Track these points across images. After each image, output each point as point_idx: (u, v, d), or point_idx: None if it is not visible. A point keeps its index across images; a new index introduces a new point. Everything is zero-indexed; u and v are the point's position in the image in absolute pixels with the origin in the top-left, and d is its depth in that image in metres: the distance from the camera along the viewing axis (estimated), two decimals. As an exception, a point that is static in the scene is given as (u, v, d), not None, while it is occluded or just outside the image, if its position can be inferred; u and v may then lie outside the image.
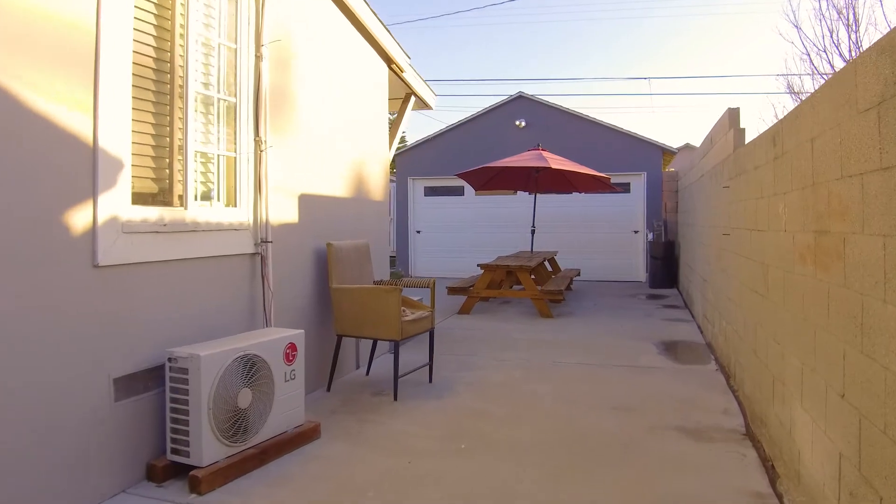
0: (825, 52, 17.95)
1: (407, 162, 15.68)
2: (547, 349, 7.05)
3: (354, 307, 5.22)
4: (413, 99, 7.62)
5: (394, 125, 7.34)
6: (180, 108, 3.90)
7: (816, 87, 3.27)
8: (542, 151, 11.45)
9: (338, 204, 5.80)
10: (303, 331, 4.18)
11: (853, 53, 17.18)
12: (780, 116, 21.57)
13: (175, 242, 3.76)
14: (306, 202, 5.22)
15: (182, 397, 3.46)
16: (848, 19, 16.99)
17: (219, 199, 4.30)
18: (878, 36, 3.07)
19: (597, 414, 4.75)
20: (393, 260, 16.95)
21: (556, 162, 10.98)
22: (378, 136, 6.72)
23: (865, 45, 19.55)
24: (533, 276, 10.89)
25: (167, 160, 3.85)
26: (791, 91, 19.15)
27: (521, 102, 14.76)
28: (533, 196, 12.34)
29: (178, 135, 3.89)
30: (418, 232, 15.69)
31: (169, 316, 3.70)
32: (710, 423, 4.53)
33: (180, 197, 3.90)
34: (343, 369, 5.88)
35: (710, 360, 6.47)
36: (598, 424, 4.51)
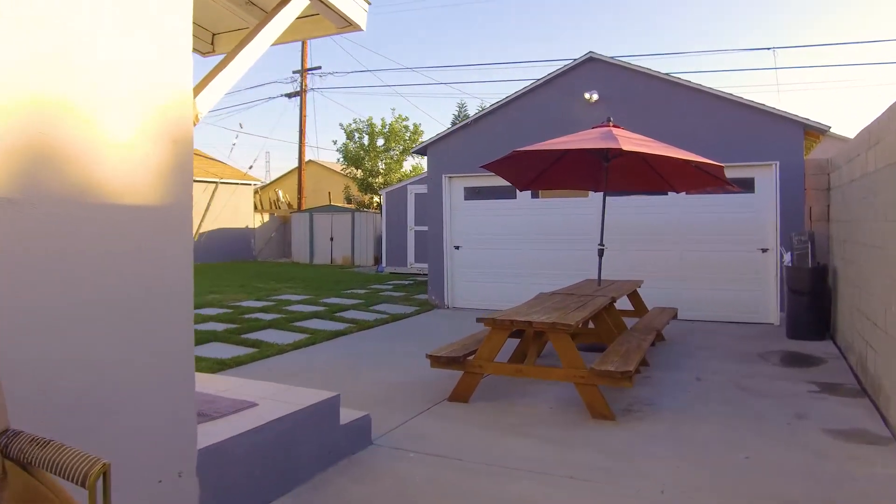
0: None
1: (441, 154, 11.77)
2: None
3: None
4: (304, -1, 3.68)
5: (238, 45, 3.44)
6: None
7: None
8: (613, 128, 7.29)
9: None
10: None
11: None
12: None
13: None
14: None
15: None
16: None
17: None
18: None
19: None
20: (424, 286, 13.13)
21: (633, 142, 6.80)
22: (156, 55, 2.87)
23: None
24: (592, 325, 6.73)
25: None
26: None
27: (592, 68, 10.52)
28: (602, 197, 8.15)
29: None
30: (457, 248, 11.76)
31: None
32: None
33: None
34: None
35: None
36: None
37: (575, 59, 10.57)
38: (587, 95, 10.34)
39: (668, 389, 5.86)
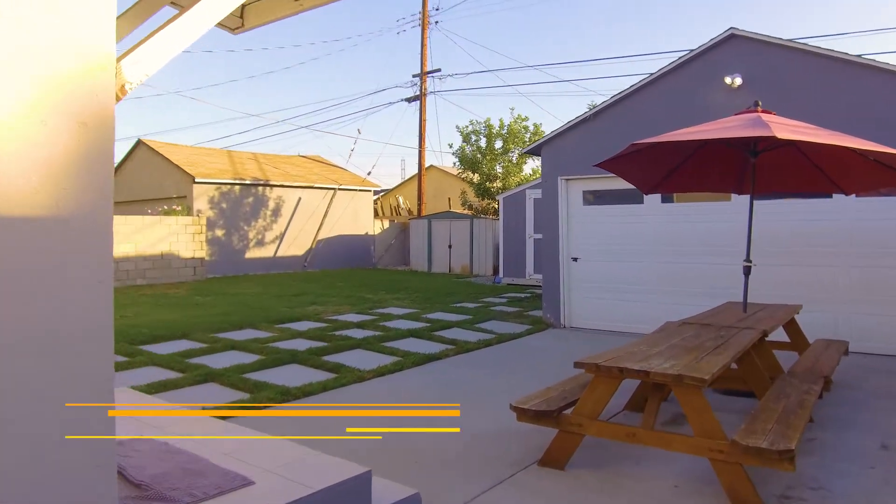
0: None
1: (557, 153, 10.47)
2: None
3: None
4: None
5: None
6: None
7: None
8: (763, 113, 5.74)
9: None
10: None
11: None
12: None
13: None
14: None
15: None
16: None
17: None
18: None
19: None
20: (541, 300, 11.85)
21: (789, 129, 5.26)
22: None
23: None
24: (736, 366, 5.22)
25: None
26: None
27: (733, 47, 8.82)
28: (749, 201, 6.55)
29: None
30: (574, 259, 10.41)
31: None
32: None
33: None
34: None
35: None
36: None
37: (712, 39, 8.94)
38: (728, 80, 8.69)
39: (843, 463, 4.29)
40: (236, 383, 6.48)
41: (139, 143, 22.39)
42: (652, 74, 9.44)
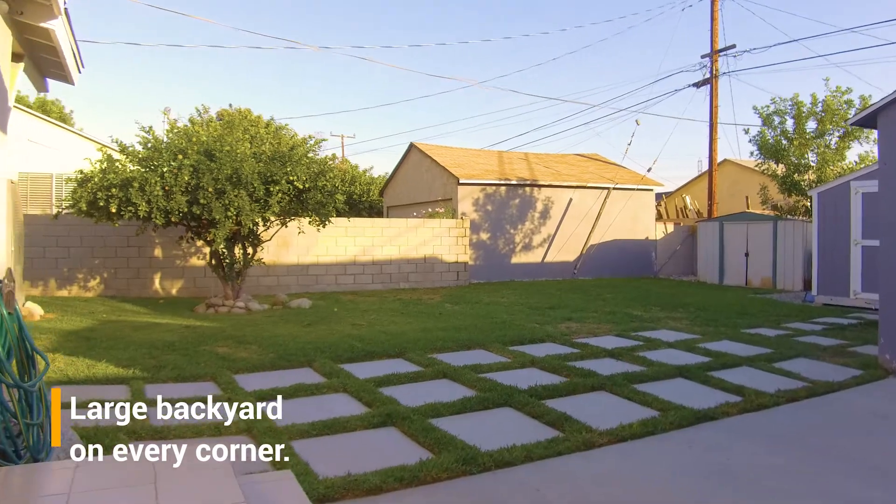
0: None
1: (906, 126, 7.22)
2: None
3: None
4: None
5: None
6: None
7: None
8: None
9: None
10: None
11: None
12: None
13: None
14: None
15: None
16: None
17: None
18: None
19: None
20: (873, 329, 8.55)
21: None
22: None
23: None
24: None
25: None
26: None
27: None
28: None
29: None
30: (935, 278, 7.06)
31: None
32: None
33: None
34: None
35: None
36: None
37: None
38: None
39: None
40: (417, 434, 4.86)
41: (412, 146, 22.43)
42: None
